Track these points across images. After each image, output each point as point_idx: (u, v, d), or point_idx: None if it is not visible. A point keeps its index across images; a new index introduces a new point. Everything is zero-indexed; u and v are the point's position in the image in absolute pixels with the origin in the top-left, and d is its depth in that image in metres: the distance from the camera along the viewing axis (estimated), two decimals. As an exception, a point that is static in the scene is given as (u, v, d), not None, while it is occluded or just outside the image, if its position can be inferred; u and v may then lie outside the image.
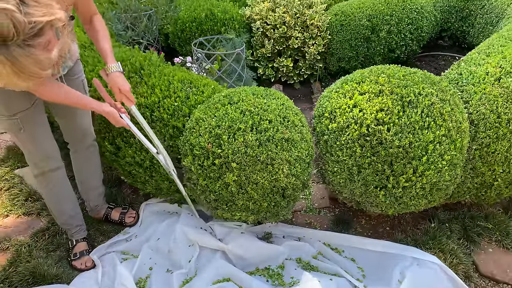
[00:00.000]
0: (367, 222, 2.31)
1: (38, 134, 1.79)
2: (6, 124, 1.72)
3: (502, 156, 1.94)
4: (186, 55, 3.51)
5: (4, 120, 1.70)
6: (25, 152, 1.84)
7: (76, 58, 1.87)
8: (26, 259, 2.02)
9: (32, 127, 1.75)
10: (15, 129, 1.72)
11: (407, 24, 3.49)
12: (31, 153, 1.82)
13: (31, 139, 1.77)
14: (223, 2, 3.77)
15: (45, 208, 2.35)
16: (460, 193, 2.08)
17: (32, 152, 1.82)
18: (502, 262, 2.05)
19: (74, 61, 1.84)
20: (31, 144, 1.79)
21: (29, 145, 1.79)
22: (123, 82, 1.70)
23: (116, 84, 1.69)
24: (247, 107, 1.82)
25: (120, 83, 1.69)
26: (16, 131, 1.73)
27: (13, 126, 1.71)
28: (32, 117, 1.74)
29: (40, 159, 1.84)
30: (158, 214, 2.33)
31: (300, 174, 1.83)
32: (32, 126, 1.75)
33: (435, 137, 1.74)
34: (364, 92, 1.87)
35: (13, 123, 1.70)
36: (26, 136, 1.75)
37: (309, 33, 3.45)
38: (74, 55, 1.84)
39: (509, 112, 1.89)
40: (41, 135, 1.80)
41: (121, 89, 1.69)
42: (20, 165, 2.76)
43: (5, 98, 1.64)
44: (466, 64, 2.15)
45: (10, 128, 1.73)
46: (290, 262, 2.04)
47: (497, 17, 3.37)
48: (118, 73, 1.70)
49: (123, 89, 1.70)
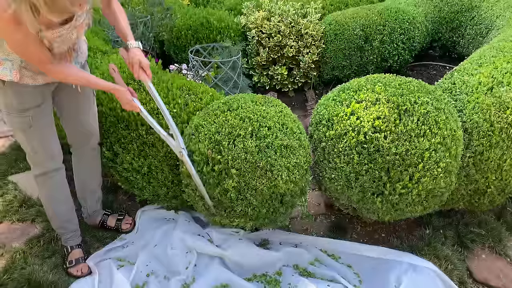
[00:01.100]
0: (363, 228, 2.34)
1: (46, 134, 1.81)
2: (17, 120, 1.73)
3: (495, 163, 1.99)
4: (181, 62, 3.53)
5: (15, 116, 1.72)
6: (29, 152, 1.83)
7: (85, 58, 1.91)
8: (21, 266, 2.00)
9: (41, 125, 1.78)
10: (25, 126, 1.74)
11: (399, 34, 3.56)
12: (37, 153, 1.82)
13: (39, 138, 1.79)
14: (218, 11, 3.80)
15: (40, 215, 2.33)
16: (454, 200, 2.12)
17: (38, 152, 1.82)
18: (495, 268, 2.08)
19: (84, 59, 1.89)
20: (38, 143, 1.80)
21: (36, 144, 1.80)
22: (142, 57, 1.77)
23: (137, 57, 1.75)
24: (247, 114, 1.84)
25: (140, 56, 1.76)
26: (26, 128, 1.74)
27: (24, 123, 1.73)
28: (42, 116, 1.77)
29: (45, 159, 1.85)
30: (155, 220, 2.33)
31: (298, 180, 1.85)
32: (42, 125, 1.78)
33: (430, 145, 1.77)
34: (361, 100, 1.90)
35: (24, 120, 1.72)
36: (34, 134, 1.77)
37: (304, 42, 3.49)
38: (84, 53, 1.88)
39: (502, 120, 1.94)
40: (48, 134, 1.83)
41: (142, 62, 1.76)
42: (14, 171, 2.74)
43: (19, 92, 1.67)
44: (459, 74, 2.20)
45: (20, 126, 1.74)
46: (287, 268, 2.05)
47: (487, 28, 3.46)
48: (138, 49, 1.78)
49: (143, 62, 1.76)
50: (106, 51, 2.70)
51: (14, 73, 1.63)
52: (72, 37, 1.61)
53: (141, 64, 1.76)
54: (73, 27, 1.57)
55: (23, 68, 1.64)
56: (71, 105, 1.93)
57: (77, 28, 1.60)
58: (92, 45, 2.70)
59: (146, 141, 2.07)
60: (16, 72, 1.63)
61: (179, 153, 1.81)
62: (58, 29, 1.51)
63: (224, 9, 4.04)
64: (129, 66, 1.79)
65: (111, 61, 2.35)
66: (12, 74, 1.62)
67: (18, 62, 1.62)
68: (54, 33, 1.50)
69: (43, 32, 1.46)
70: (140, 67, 1.77)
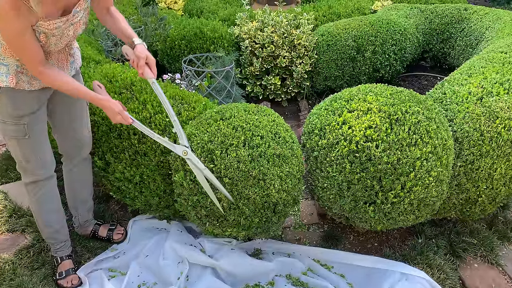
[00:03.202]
0: (355, 238, 2.33)
1: (39, 141, 1.79)
2: (11, 129, 1.71)
3: (485, 172, 2.00)
4: (175, 72, 3.53)
5: (10, 124, 1.70)
6: (21, 160, 1.80)
7: (79, 65, 1.91)
8: (10, 277, 1.97)
9: (36, 133, 1.76)
10: (20, 135, 1.72)
11: (391, 45, 3.61)
12: (29, 162, 1.80)
13: (32, 146, 1.77)
14: (212, 21, 3.83)
15: (30, 225, 2.30)
16: (446, 209, 2.13)
17: (31, 160, 1.80)
18: (487, 277, 2.09)
19: (79, 66, 1.90)
20: (32, 152, 1.78)
21: (29, 152, 1.78)
22: (148, 53, 1.77)
23: (144, 53, 1.75)
24: (239, 123, 1.85)
25: (146, 53, 1.76)
26: (21, 137, 1.73)
27: (19, 131, 1.71)
28: (36, 123, 1.75)
29: (37, 167, 1.83)
30: (147, 230, 2.31)
31: (291, 189, 1.85)
32: (36, 132, 1.76)
33: (422, 154, 1.79)
34: (353, 110, 1.92)
35: (19, 128, 1.71)
36: (28, 142, 1.75)
37: (297, 52, 3.52)
38: (78, 59, 1.89)
39: (492, 130, 1.96)
40: (42, 142, 1.80)
41: (148, 58, 1.75)
42: (4, 181, 2.71)
43: (14, 98, 1.66)
44: (450, 84, 2.23)
45: (14, 134, 1.72)
46: (280, 278, 2.03)
47: (476, 40, 3.51)
48: (143, 45, 1.78)
49: (150, 58, 1.76)
50: (99, 61, 2.70)
51: (10, 78, 1.62)
52: (69, 34, 1.63)
53: (148, 60, 1.76)
54: (70, 23, 1.59)
55: (19, 73, 1.64)
56: (63, 113, 1.92)
57: (74, 25, 1.62)
58: (85, 54, 2.69)
59: (138, 150, 2.06)
60: (12, 77, 1.62)
61: (182, 153, 1.78)
62: (55, 21, 1.52)
63: (217, 19, 4.06)
64: (132, 63, 1.77)
65: (104, 70, 2.34)
66: (8, 80, 1.62)
67: (14, 67, 1.62)
68: (51, 24, 1.52)
69: (41, 21, 1.48)
70: (145, 64, 1.76)
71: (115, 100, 1.76)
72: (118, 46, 3.34)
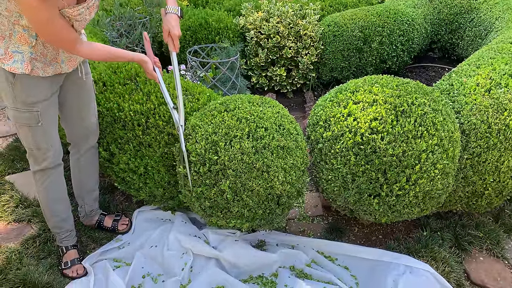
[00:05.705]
0: (360, 230, 2.33)
1: (51, 129, 1.81)
2: (25, 116, 1.72)
3: (492, 165, 1.98)
4: (180, 63, 3.52)
5: (24, 112, 1.71)
6: (32, 148, 1.81)
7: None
8: (16, 267, 1.99)
9: (48, 121, 1.78)
10: (33, 122, 1.73)
11: (398, 36, 3.56)
12: (40, 149, 1.81)
13: (44, 133, 1.78)
14: (217, 12, 3.80)
15: (36, 215, 2.32)
16: (452, 201, 2.11)
17: (42, 148, 1.81)
18: (492, 271, 2.08)
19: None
20: (43, 139, 1.79)
21: (40, 139, 1.79)
22: (175, 25, 1.75)
23: (169, 25, 1.74)
24: (244, 115, 1.83)
25: (172, 25, 1.74)
26: (34, 124, 1.74)
27: (32, 119, 1.72)
28: (48, 111, 1.76)
29: (48, 154, 1.84)
30: (151, 221, 2.32)
31: (295, 181, 1.84)
32: (48, 120, 1.78)
33: (428, 146, 1.76)
34: (358, 102, 1.90)
35: (32, 115, 1.72)
36: (41, 130, 1.76)
37: (302, 43, 3.49)
38: None
39: (499, 122, 1.93)
40: (52, 129, 1.82)
41: (171, 32, 1.75)
42: (11, 171, 2.73)
43: (29, 85, 1.67)
44: (457, 75, 2.19)
45: (27, 121, 1.73)
46: (284, 270, 2.04)
47: (486, 30, 3.45)
48: (175, 16, 1.77)
49: (172, 32, 1.75)
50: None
51: (25, 65, 1.63)
52: (87, 18, 1.65)
53: (170, 33, 1.75)
54: (86, 7, 1.60)
55: (33, 60, 1.64)
56: (73, 100, 1.93)
57: (89, 9, 1.63)
58: (90, 45, 2.69)
59: (143, 142, 2.06)
60: (27, 64, 1.63)
61: (177, 127, 1.85)
62: (78, 7, 1.54)
63: (223, 10, 4.03)
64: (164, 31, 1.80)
65: (109, 62, 2.34)
66: (24, 66, 1.62)
67: (28, 54, 1.63)
68: (75, 11, 1.54)
69: (66, 8, 1.50)
70: (169, 36, 1.76)
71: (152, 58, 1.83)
72: (123, 36, 3.34)
